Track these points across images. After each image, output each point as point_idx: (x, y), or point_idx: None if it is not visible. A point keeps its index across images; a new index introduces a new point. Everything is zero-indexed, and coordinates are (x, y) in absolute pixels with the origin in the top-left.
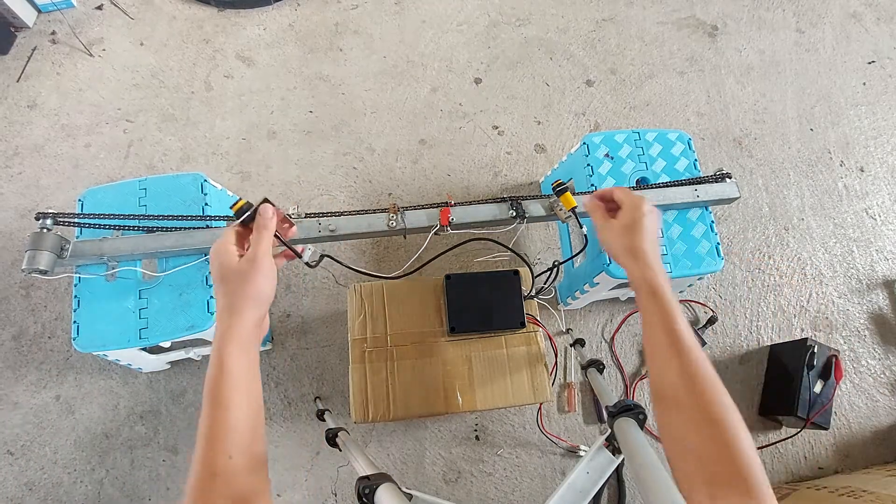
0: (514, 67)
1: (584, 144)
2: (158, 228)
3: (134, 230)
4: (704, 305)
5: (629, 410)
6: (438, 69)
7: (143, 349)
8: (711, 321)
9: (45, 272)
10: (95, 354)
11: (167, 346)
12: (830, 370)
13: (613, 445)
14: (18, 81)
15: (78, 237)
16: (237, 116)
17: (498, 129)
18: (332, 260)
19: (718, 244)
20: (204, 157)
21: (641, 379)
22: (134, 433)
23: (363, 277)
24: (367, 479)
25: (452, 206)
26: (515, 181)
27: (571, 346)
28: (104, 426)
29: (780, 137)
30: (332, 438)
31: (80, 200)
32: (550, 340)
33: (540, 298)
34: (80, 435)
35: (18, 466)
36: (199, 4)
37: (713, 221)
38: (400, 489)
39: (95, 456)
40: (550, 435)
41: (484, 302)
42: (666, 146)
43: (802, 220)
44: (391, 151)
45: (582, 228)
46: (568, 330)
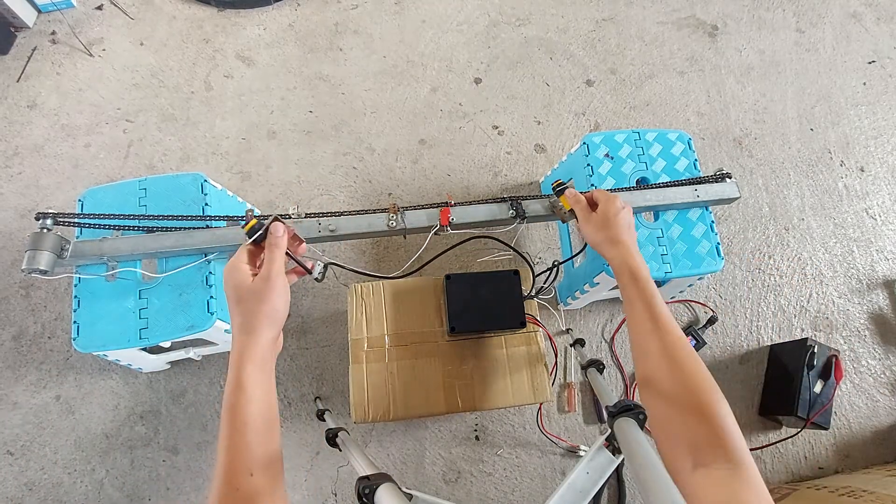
0: (514, 67)
1: (584, 144)
2: (158, 228)
3: (134, 230)
4: (704, 305)
5: (629, 410)
6: (438, 69)
7: (143, 349)
8: (711, 321)
9: (45, 272)
10: (95, 354)
11: (167, 346)
12: (830, 370)
13: (613, 445)
14: (18, 81)
15: (78, 237)
16: (237, 116)
17: (498, 129)
18: (336, 266)
19: (718, 244)
20: (204, 157)
21: None
22: (134, 433)
23: (363, 277)
24: (367, 479)
25: (452, 206)
26: (515, 181)
27: (571, 346)
28: (104, 426)
29: (780, 137)
30: (332, 438)
31: (80, 200)
32: (550, 340)
33: (540, 298)
34: (80, 435)
35: (18, 466)
36: (199, 4)
37: (713, 221)
38: (400, 489)
39: (95, 456)
40: (550, 435)
41: (484, 302)
42: (666, 146)
43: (802, 220)
44: (391, 151)
45: None
46: (568, 330)
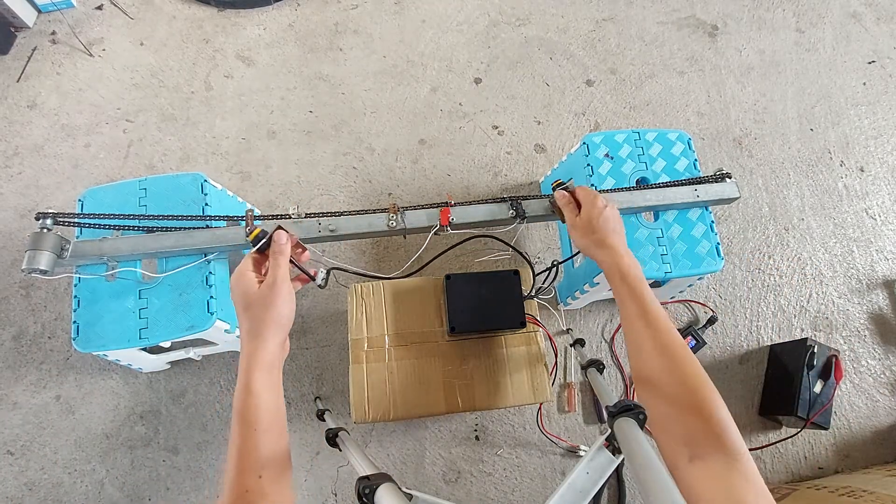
0: (514, 67)
1: (584, 144)
2: (158, 228)
3: (134, 230)
4: (704, 305)
5: (629, 410)
6: (438, 69)
7: (143, 349)
8: (711, 321)
9: (45, 272)
10: (95, 354)
11: (167, 346)
12: (830, 370)
13: (613, 445)
14: (18, 81)
15: (78, 237)
16: (237, 116)
17: (498, 128)
18: (339, 270)
19: (718, 244)
20: (204, 156)
21: None
22: (134, 433)
23: (363, 277)
24: (367, 479)
25: (452, 205)
26: (515, 181)
27: (571, 346)
28: (104, 426)
29: (780, 137)
30: (332, 438)
31: (80, 200)
32: (550, 340)
33: (540, 298)
34: (80, 435)
35: (18, 466)
36: (199, 4)
37: (713, 221)
38: (400, 489)
39: (95, 456)
40: (550, 435)
41: (484, 302)
42: (666, 146)
43: (802, 220)
44: (391, 151)
45: None
46: (568, 330)
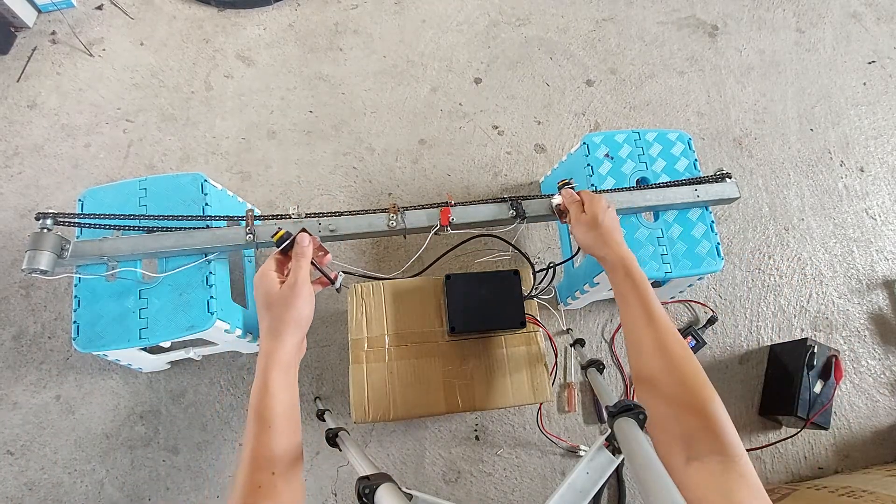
0: (514, 67)
1: (584, 144)
2: (158, 228)
3: (134, 230)
4: (704, 305)
5: (629, 410)
6: (438, 69)
7: (143, 349)
8: (711, 321)
9: (45, 272)
10: (95, 354)
11: (167, 346)
12: (830, 370)
13: (613, 445)
14: (18, 81)
15: (78, 237)
16: (237, 116)
17: (498, 128)
18: (348, 273)
19: (718, 244)
20: (204, 156)
21: None
22: (134, 433)
23: (363, 277)
24: (367, 479)
25: (452, 205)
26: (515, 181)
27: (571, 346)
28: (104, 426)
29: (780, 137)
30: (332, 438)
31: (80, 200)
32: (550, 340)
33: (540, 298)
34: (80, 435)
35: (18, 466)
36: (199, 4)
37: (713, 221)
38: (400, 489)
39: (95, 456)
40: (550, 435)
41: (484, 302)
42: (666, 146)
43: (802, 220)
44: (391, 151)
45: None
46: (568, 330)
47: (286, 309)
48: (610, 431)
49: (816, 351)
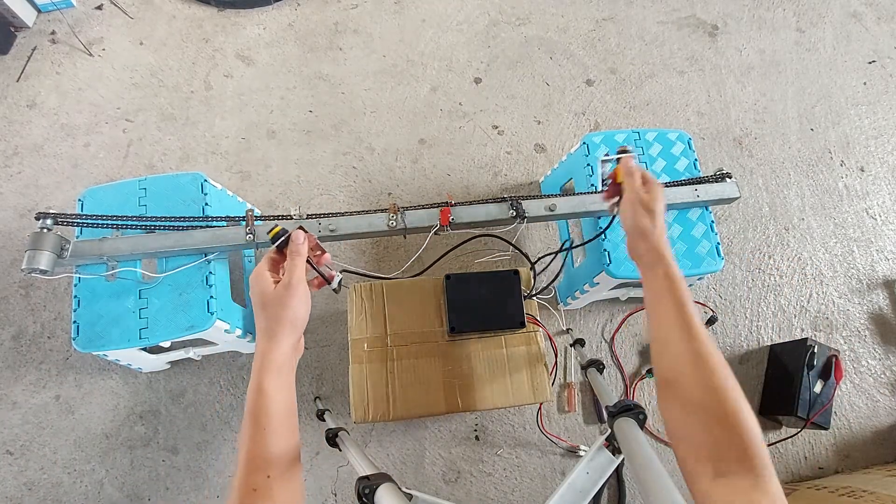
0: (514, 67)
1: (584, 144)
2: (158, 228)
3: (134, 230)
4: (704, 305)
5: (629, 410)
6: (438, 69)
7: (143, 349)
8: (711, 321)
9: (45, 272)
10: (95, 354)
11: (167, 346)
12: (830, 370)
13: (613, 445)
14: (18, 81)
15: (78, 237)
16: (237, 116)
17: (498, 128)
18: (349, 273)
19: (718, 244)
20: (203, 156)
21: (641, 379)
22: (134, 433)
23: (363, 277)
24: (367, 479)
25: (452, 205)
26: (515, 181)
27: (571, 346)
28: (104, 426)
29: (780, 137)
30: (332, 438)
31: (80, 200)
32: (550, 340)
33: (540, 298)
34: (79, 435)
35: (18, 466)
36: (198, 4)
37: (713, 221)
38: (400, 489)
39: (95, 456)
40: (550, 435)
41: (484, 302)
42: (666, 146)
43: (803, 219)
44: (391, 151)
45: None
46: (568, 330)
47: (281, 309)
48: (610, 431)
49: (817, 351)
